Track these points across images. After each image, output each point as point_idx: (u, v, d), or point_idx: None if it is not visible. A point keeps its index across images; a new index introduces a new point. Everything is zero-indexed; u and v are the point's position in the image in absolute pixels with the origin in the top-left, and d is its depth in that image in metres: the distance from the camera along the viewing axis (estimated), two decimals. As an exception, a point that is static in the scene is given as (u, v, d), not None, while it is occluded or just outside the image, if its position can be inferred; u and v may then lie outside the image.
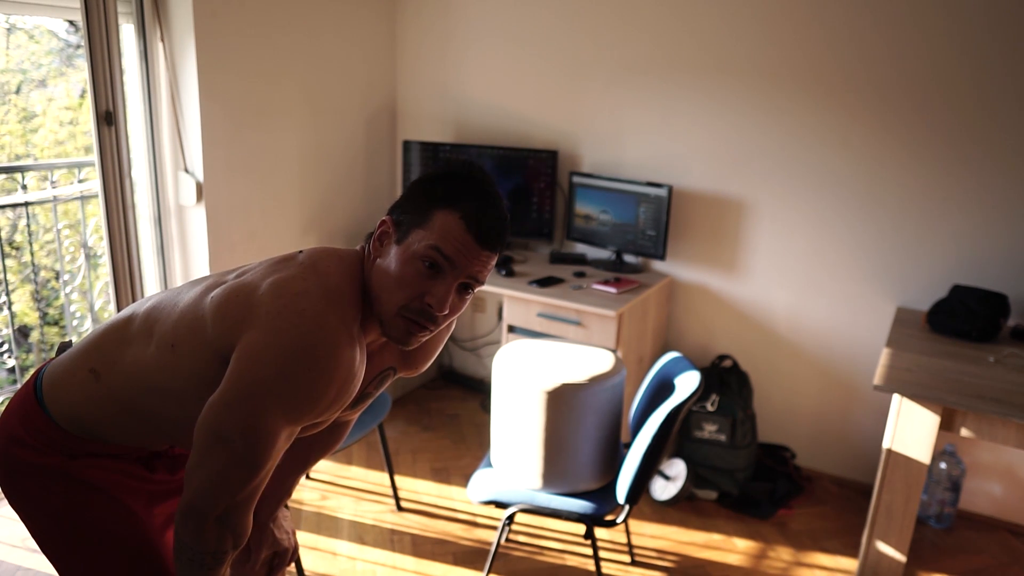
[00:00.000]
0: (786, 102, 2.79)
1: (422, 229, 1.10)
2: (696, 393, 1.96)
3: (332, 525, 2.58)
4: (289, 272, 1.11)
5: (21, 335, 4.92)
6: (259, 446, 1.06)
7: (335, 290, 1.11)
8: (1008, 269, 2.59)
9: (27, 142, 5.09)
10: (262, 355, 1.04)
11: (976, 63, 2.49)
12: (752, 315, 3.03)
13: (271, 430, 1.06)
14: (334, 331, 1.07)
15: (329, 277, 1.12)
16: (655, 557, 2.51)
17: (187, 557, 1.11)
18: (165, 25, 2.58)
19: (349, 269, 1.15)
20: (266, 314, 1.06)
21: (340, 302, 1.10)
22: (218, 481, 1.07)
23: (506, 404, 2.14)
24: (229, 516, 1.10)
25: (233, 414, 1.05)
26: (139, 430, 1.21)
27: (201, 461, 1.07)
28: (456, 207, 1.09)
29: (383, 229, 1.15)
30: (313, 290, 1.08)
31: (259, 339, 1.05)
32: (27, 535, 2.37)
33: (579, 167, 3.23)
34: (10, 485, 1.22)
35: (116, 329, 1.22)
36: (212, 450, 1.06)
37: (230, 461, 1.06)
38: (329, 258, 1.15)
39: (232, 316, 1.08)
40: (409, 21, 3.46)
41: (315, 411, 1.09)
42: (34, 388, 1.23)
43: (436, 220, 1.09)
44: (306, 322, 1.05)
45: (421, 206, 1.11)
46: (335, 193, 3.31)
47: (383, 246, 1.15)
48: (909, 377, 2.14)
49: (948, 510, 2.72)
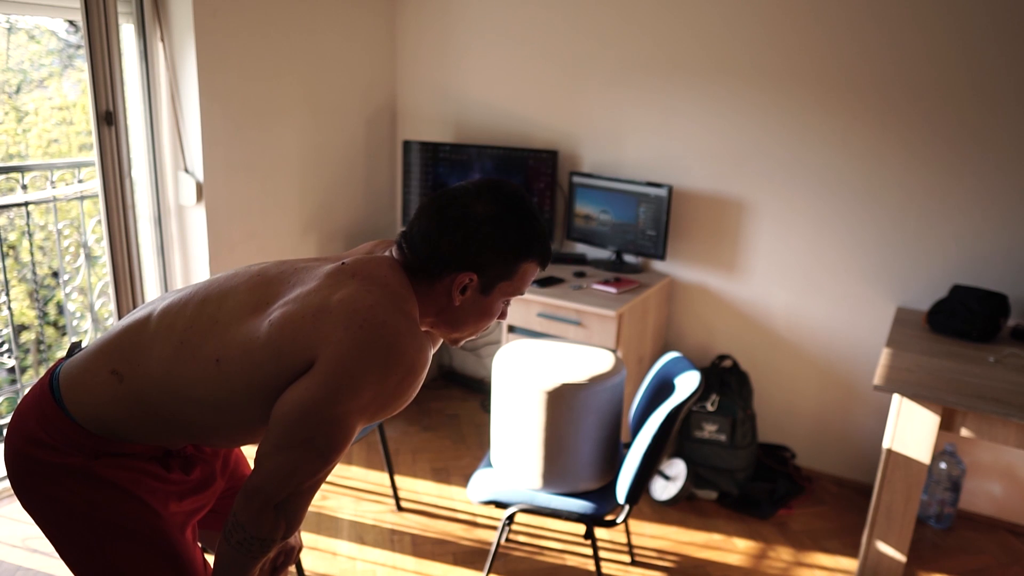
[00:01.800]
0: (786, 102, 2.79)
1: (509, 282, 1.27)
2: (696, 393, 1.96)
3: (332, 525, 2.58)
4: (354, 288, 1.18)
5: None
6: (338, 444, 1.14)
7: (401, 298, 1.20)
8: (1008, 269, 2.59)
9: (20, 142, 5.09)
10: (353, 366, 1.11)
11: (977, 63, 2.49)
12: (752, 315, 3.03)
13: (353, 429, 1.15)
14: (413, 336, 1.16)
15: (391, 287, 1.20)
16: (655, 557, 2.51)
17: (237, 539, 1.15)
18: (165, 25, 2.58)
19: (401, 275, 1.24)
20: (345, 329, 1.12)
21: (407, 307, 1.20)
22: (290, 470, 1.13)
23: (506, 404, 2.14)
24: (290, 503, 1.15)
25: (321, 417, 1.11)
26: (164, 431, 1.22)
27: (276, 451, 1.12)
28: (535, 255, 1.26)
29: (465, 283, 1.25)
30: (384, 301, 1.16)
31: (347, 351, 1.11)
32: (27, 535, 2.37)
33: (579, 167, 3.23)
34: (28, 487, 1.22)
35: (134, 331, 1.22)
36: (292, 444, 1.12)
37: (307, 455, 1.12)
38: (380, 267, 1.24)
39: (303, 339, 1.13)
40: (409, 21, 3.46)
41: (399, 409, 1.20)
42: (50, 388, 1.22)
43: (520, 270, 1.27)
44: (390, 331, 1.13)
45: (507, 261, 1.24)
46: (335, 193, 3.31)
47: (464, 295, 1.26)
48: (909, 377, 2.14)
49: (948, 510, 2.72)
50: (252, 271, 1.27)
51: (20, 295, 4.80)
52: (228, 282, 1.25)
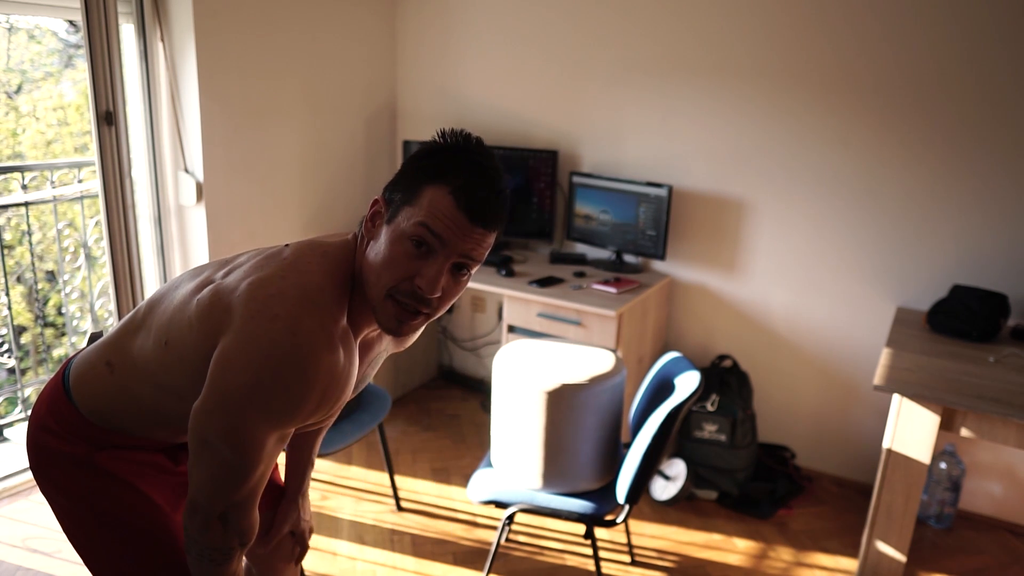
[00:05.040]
0: (786, 101, 2.79)
1: (411, 207, 1.04)
2: (696, 393, 1.96)
3: (332, 525, 2.58)
4: (268, 272, 1.07)
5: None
6: (245, 451, 1.04)
7: (315, 290, 1.05)
8: (1008, 269, 2.59)
9: (18, 142, 5.09)
10: (235, 362, 1.01)
11: (978, 62, 2.49)
12: (752, 315, 3.03)
13: (255, 436, 1.04)
14: (310, 336, 1.02)
15: (309, 275, 1.06)
16: (655, 557, 2.51)
17: (196, 552, 1.13)
18: (165, 25, 2.58)
19: (333, 263, 1.10)
20: (239, 318, 1.02)
21: (319, 303, 1.05)
22: (212, 483, 1.07)
23: (506, 404, 2.14)
24: (230, 516, 1.10)
25: (214, 421, 1.03)
26: (151, 423, 1.23)
27: (195, 462, 1.07)
28: (446, 181, 1.02)
29: (375, 209, 1.09)
30: (289, 291, 1.03)
31: (233, 345, 1.02)
32: (27, 535, 2.38)
33: (579, 167, 3.23)
34: (40, 470, 1.26)
35: (127, 322, 1.24)
36: (202, 454, 1.06)
37: (220, 465, 1.05)
38: (312, 253, 1.10)
39: (212, 320, 1.05)
40: (409, 21, 3.46)
41: (299, 417, 1.05)
42: (62, 378, 1.26)
43: (425, 196, 1.03)
44: (278, 327, 1.00)
45: (411, 183, 1.05)
46: (335, 193, 3.31)
47: (375, 227, 1.09)
48: (909, 377, 2.14)
49: (948, 510, 2.72)
50: (226, 257, 1.22)
51: (17, 296, 4.81)
52: (202, 269, 1.21)
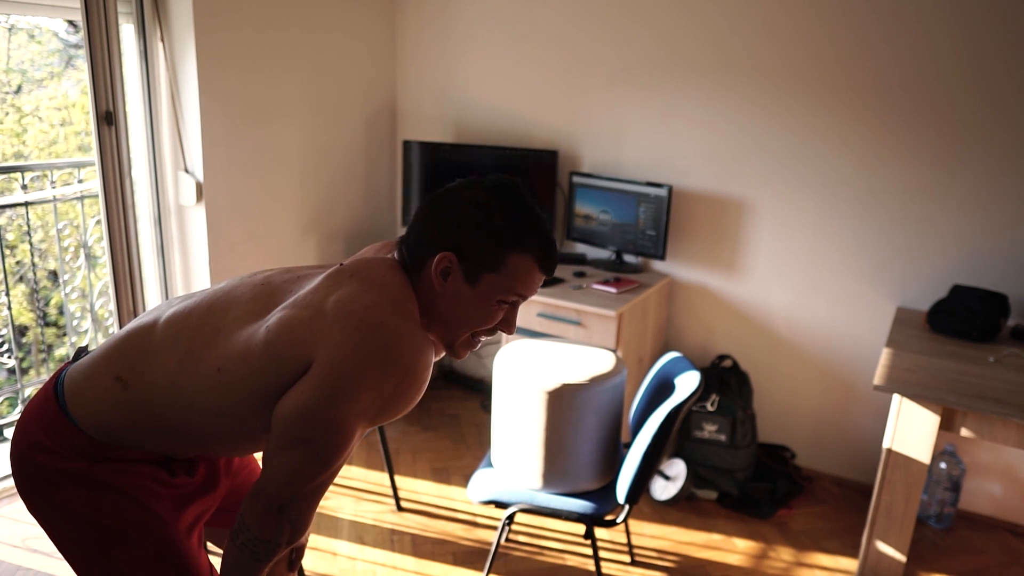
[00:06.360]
0: (787, 101, 2.79)
1: (496, 275, 1.17)
2: (696, 393, 1.96)
3: (332, 525, 2.58)
4: (350, 289, 1.15)
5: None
6: (337, 447, 1.12)
7: (400, 299, 1.17)
8: (1008, 269, 2.59)
9: (21, 142, 5.09)
10: (350, 369, 1.08)
11: (978, 62, 2.49)
12: (752, 315, 3.03)
13: (353, 433, 1.12)
14: (414, 337, 1.13)
15: (390, 288, 1.17)
16: (655, 557, 2.51)
17: (242, 540, 1.16)
18: (165, 25, 2.58)
19: (402, 277, 1.21)
20: (341, 332, 1.09)
21: (408, 309, 1.17)
22: (291, 473, 1.12)
23: (506, 404, 2.14)
24: (293, 507, 1.15)
25: (318, 420, 1.09)
26: (168, 439, 1.22)
27: (277, 453, 1.12)
28: (527, 250, 1.17)
29: (445, 265, 1.18)
30: (382, 302, 1.13)
31: (340, 354, 1.08)
32: (27, 535, 2.38)
33: (579, 167, 3.23)
34: (33, 492, 1.22)
35: (140, 337, 1.22)
36: (292, 446, 1.11)
37: (307, 458, 1.11)
38: (380, 268, 1.21)
39: (300, 343, 1.11)
40: (409, 21, 3.46)
41: (403, 412, 1.16)
42: (55, 394, 1.22)
43: (510, 264, 1.17)
44: (388, 333, 1.10)
45: (490, 249, 1.16)
46: (335, 193, 3.31)
47: (447, 282, 1.19)
48: (909, 377, 2.14)
49: (948, 510, 2.72)
50: (257, 279, 1.26)
51: (16, 296, 4.81)
52: (233, 291, 1.24)
